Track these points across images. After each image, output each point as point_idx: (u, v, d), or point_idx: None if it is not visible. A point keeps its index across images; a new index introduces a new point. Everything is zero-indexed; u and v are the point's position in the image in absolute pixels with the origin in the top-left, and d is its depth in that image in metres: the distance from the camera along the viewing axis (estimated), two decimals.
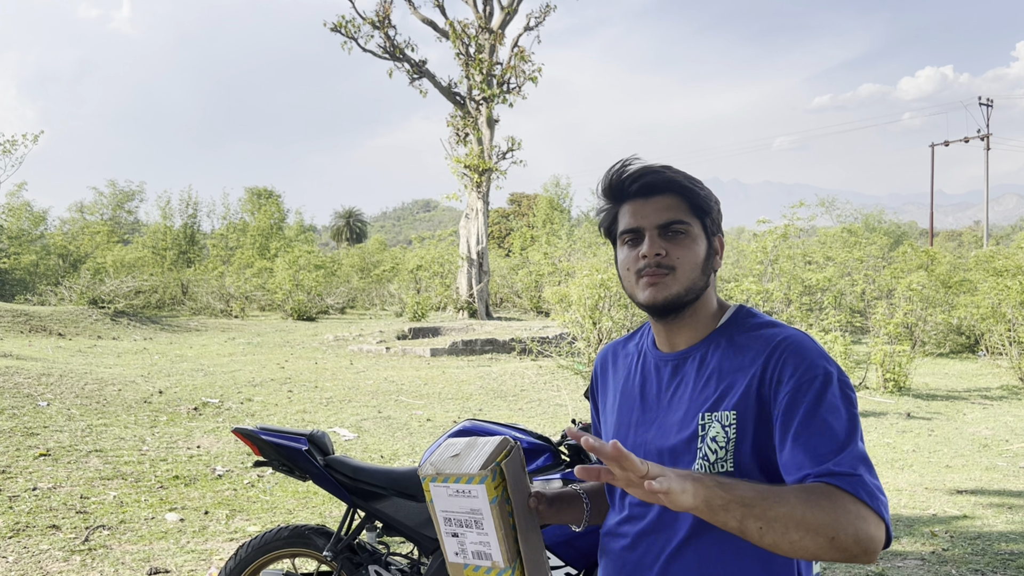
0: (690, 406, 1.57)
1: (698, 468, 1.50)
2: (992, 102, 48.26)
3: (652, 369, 1.67)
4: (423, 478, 1.56)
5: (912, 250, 23.88)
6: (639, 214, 1.59)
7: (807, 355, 1.48)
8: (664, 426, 1.60)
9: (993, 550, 5.48)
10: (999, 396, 13.12)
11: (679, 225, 1.57)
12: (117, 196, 34.66)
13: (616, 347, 1.83)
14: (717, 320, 1.64)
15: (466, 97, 24.43)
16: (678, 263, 1.57)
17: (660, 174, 1.59)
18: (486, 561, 1.54)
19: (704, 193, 1.61)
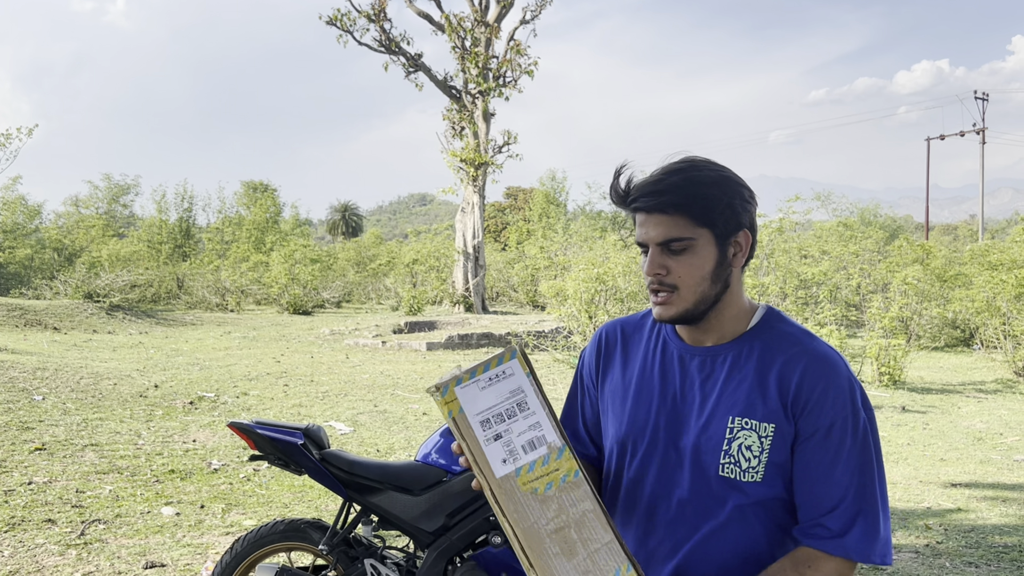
0: (719, 406, 1.55)
1: (725, 472, 1.52)
2: (988, 96, 48.31)
3: (675, 359, 1.63)
4: (443, 393, 1.42)
5: (907, 244, 23.90)
6: (643, 228, 1.56)
7: (842, 388, 1.51)
8: (688, 422, 1.58)
9: (987, 543, 5.51)
10: (994, 390, 13.16)
11: (679, 243, 1.53)
12: (112, 190, 34.63)
13: (627, 325, 1.76)
14: (747, 320, 1.62)
15: (462, 91, 24.40)
16: (680, 281, 1.54)
17: (656, 196, 1.53)
18: (541, 448, 1.44)
19: (713, 196, 1.53)
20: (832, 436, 1.49)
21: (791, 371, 1.51)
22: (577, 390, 1.80)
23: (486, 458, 1.42)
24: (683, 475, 1.57)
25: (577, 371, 1.82)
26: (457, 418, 1.42)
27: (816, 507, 1.49)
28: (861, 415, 1.51)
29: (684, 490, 1.57)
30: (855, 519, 1.48)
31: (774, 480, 1.52)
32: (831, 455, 1.49)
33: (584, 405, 1.79)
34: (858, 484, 1.49)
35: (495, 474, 1.42)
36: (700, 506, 1.56)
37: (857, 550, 1.47)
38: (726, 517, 1.54)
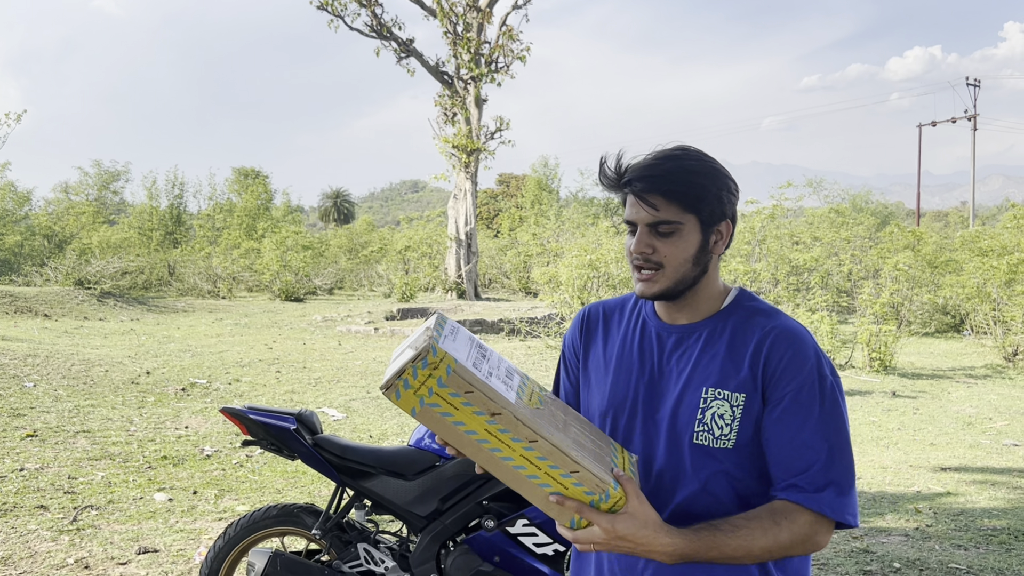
0: (692, 378, 1.65)
1: (699, 440, 1.62)
2: (979, 82, 48.36)
3: (653, 337, 1.73)
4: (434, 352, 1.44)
5: (899, 230, 23.96)
6: (634, 209, 1.65)
7: (806, 357, 1.60)
8: (665, 394, 1.68)
9: (976, 526, 5.55)
10: (983, 375, 13.24)
11: (667, 225, 1.62)
12: (102, 176, 34.44)
13: (606, 307, 1.86)
14: (720, 301, 1.72)
15: (454, 76, 24.30)
16: (666, 260, 1.63)
17: (652, 180, 1.61)
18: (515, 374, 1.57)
19: (701, 185, 1.62)
20: (801, 400, 1.58)
21: (761, 344, 1.62)
22: (561, 370, 1.92)
23: (497, 392, 1.48)
24: (660, 445, 1.67)
25: (561, 354, 1.92)
26: (457, 368, 1.45)
27: (790, 468, 1.58)
28: (828, 381, 1.60)
29: (661, 459, 1.66)
30: (828, 479, 1.56)
31: (744, 447, 1.61)
32: (801, 419, 1.58)
33: (569, 380, 1.89)
34: (829, 447, 1.58)
35: (511, 401, 1.49)
36: (675, 474, 1.65)
37: (831, 507, 1.55)
38: (699, 485, 1.63)
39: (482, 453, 1.50)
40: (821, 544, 1.58)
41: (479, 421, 1.47)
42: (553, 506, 1.51)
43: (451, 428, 1.49)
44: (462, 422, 1.48)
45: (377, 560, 3.31)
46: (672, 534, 1.51)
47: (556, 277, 15.52)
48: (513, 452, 1.49)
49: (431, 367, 1.44)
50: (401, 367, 1.46)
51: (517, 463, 1.50)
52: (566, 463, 1.49)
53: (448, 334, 1.52)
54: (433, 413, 1.47)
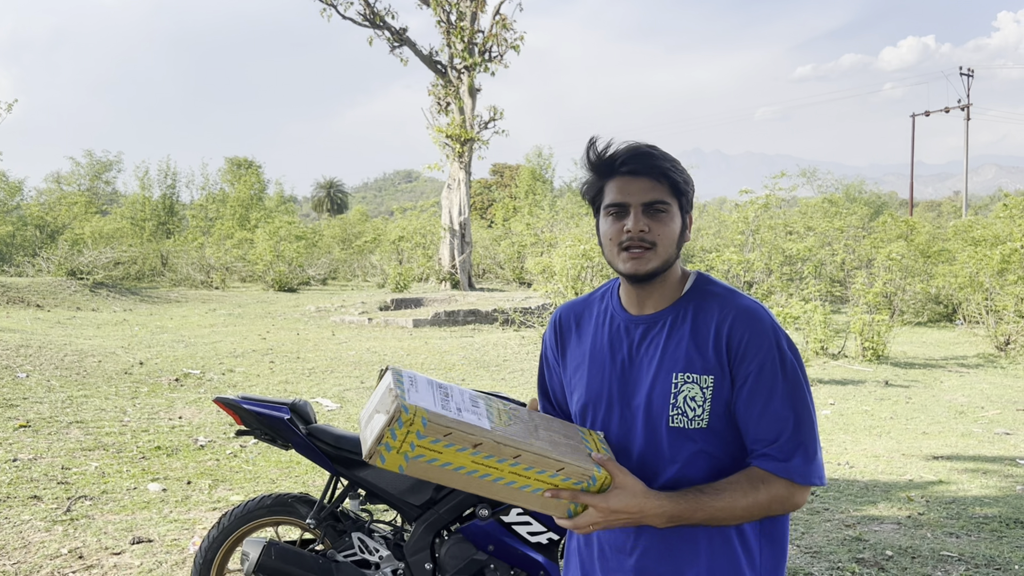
0: (662, 366, 1.74)
1: (675, 423, 1.71)
2: (973, 72, 48.40)
3: (622, 330, 1.82)
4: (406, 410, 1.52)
5: (892, 220, 24.01)
6: (626, 191, 1.72)
7: (765, 335, 1.70)
8: (637, 383, 1.77)
9: (968, 514, 5.58)
10: (975, 364, 13.29)
11: (661, 204, 1.71)
12: (94, 166, 34.27)
13: (576, 308, 1.96)
14: (682, 286, 1.81)
15: (447, 66, 24.23)
16: (659, 239, 1.71)
17: (648, 158, 1.72)
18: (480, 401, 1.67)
19: (683, 176, 1.74)
20: (764, 376, 1.68)
21: (722, 326, 1.71)
22: (544, 370, 2.02)
23: (472, 424, 1.57)
24: (637, 432, 1.75)
25: (541, 354, 2.02)
26: (430, 417, 1.53)
27: (760, 440, 1.69)
28: (787, 355, 1.71)
29: (640, 445, 1.75)
30: (795, 448, 1.67)
31: (718, 426, 1.71)
32: (767, 393, 1.68)
33: (552, 382, 1.99)
34: (795, 417, 1.68)
35: (487, 428, 1.58)
36: (655, 458, 1.74)
37: (800, 474, 1.67)
38: (679, 466, 1.72)
39: (473, 483, 1.59)
40: (799, 503, 1.69)
41: (464, 456, 1.56)
42: (549, 502, 1.61)
43: (440, 471, 1.57)
44: (449, 462, 1.56)
45: (371, 549, 3.31)
46: (660, 498, 1.63)
47: (550, 267, 15.51)
48: (502, 472, 1.58)
49: (407, 424, 1.52)
50: (379, 433, 1.53)
51: (507, 480, 1.59)
52: (551, 465, 1.60)
53: (409, 386, 1.59)
54: (419, 464, 1.56)
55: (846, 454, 7.45)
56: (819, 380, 11.33)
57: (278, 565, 3.24)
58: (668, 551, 1.74)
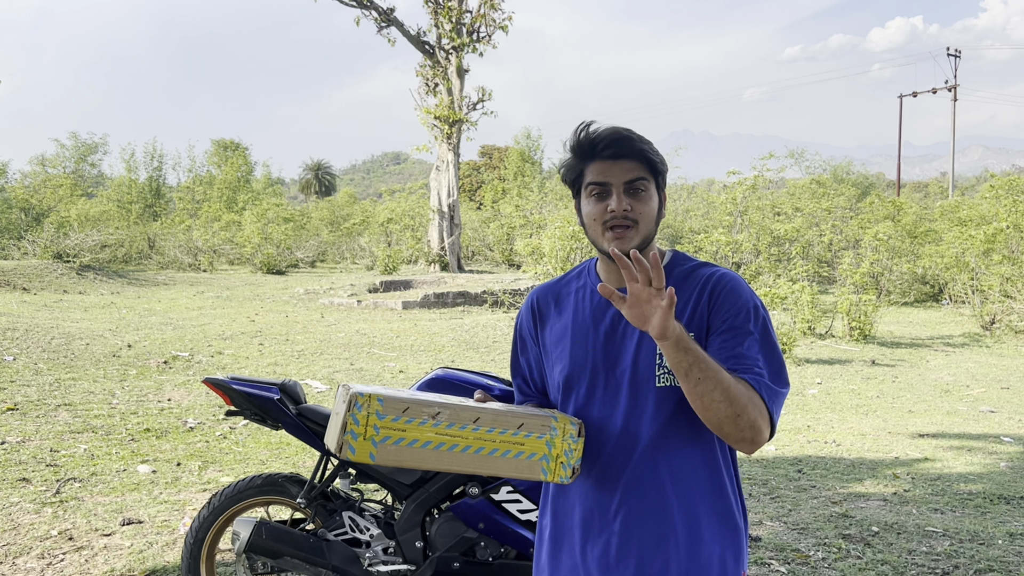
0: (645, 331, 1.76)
1: (662, 383, 1.77)
2: (960, 53, 48.42)
3: (604, 302, 1.87)
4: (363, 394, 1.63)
5: (879, 201, 24.10)
6: (608, 172, 1.80)
7: (741, 292, 1.79)
8: (622, 350, 1.83)
9: (952, 490, 5.65)
10: (961, 343, 13.40)
11: (641, 183, 1.80)
12: (80, 149, 33.97)
13: (552, 288, 2.02)
14: (659, 262, 1.82)
15: (435, 46, 24.08)
16: (640, 217, 1.79)
17: (628, 142, 1.80)
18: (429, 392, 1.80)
19: (659, 157, 1.83)
20: (738, 324, 1.76)
21: (703, 289, 1.81)
22: (517, 350, 2.08)
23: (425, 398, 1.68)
24: (623, 397, 1.81)
25: (515, 334, 2.08)
26: (384, 397, 1.63)
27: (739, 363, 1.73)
28: (762, 313, 1.80)
29: (625, 410, 1.81)
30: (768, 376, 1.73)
31: None
32: (741, 337, 1.75)
33: (527, 359, 2.05)
34: (767, 361, 1.74)
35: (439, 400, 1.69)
36: (639, 421, 1.79)
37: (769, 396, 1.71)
38: (661, 425, 1.78)
39: (444, 458, 1.65)
40: (762, 430, 1.69)
41: (427, 429, 1.63)
42: (523, 465, 1.69)
43: (410, 452, 1.63)
44: (415, 439, 1.63)
45: (362, 528, 3.32)
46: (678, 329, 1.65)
47: (539, 249, 15.51)
48: (467, 439, 1.65)
49: (365, 408, 1.60)
50: (342, 422, 1.61)
51: (475, 447, 1.66)
52: (510, 423, 1.69)
53: (359, 385, 1.68)
54: (388, 447, 1.62)
55: (833, 432, 7.52)
56: (806, 360, 11.40)
57: (269, 544, 3.25)
58: (651, 512, 1.79)
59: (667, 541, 1.78)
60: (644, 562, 1.79)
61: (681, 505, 1.79)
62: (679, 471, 1.80)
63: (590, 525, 1.84)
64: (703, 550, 1.79)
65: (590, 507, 1.84)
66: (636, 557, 1.79)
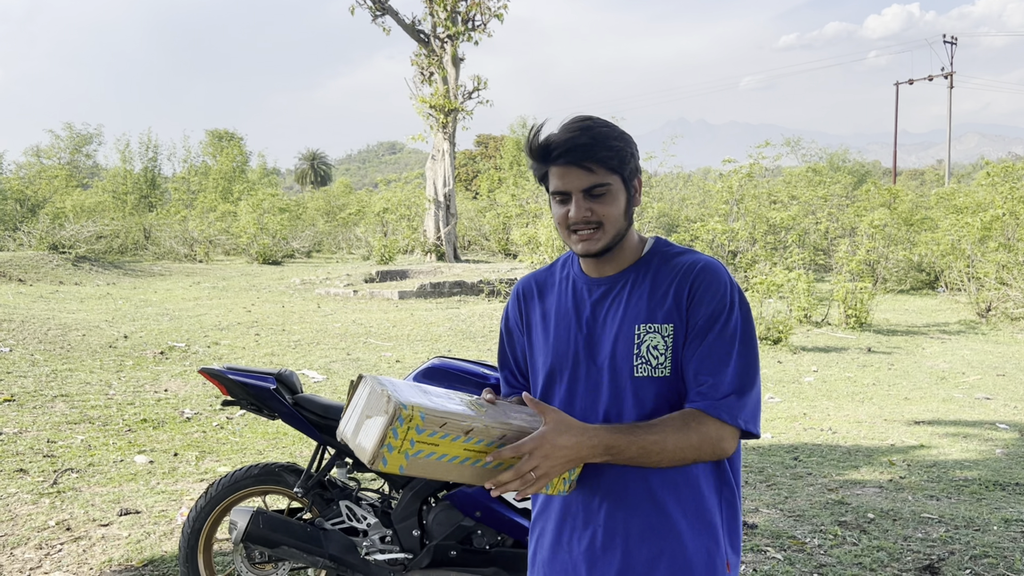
0: (625, 319, 1.81)
1: (639, 373, 1.77)
2: (956, 40, 48.36)
3: (584, 292, 1.88)
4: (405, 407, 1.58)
5: (875, 188, 24.11)
6: (565, 179, 1.77)
7: (720, 286, 1.78)
8: (602, 338, 1.83)
9: (948, 477, 5.67)
10: (957, 331, 13.43)
11: (600, 188, 1.76)
12: (74, 139, 33.90)
13: (537, 277, 2.02)
14: (640, 250, 1.89)
15: (430, 35, 24.00)
16: (604, 219, 1.78)
17: (580, 151, 1.74)
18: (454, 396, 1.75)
19: (619, 148, 1.77)
20: (712, 321, 1.75)
21: (684, 279, 1.79)
22: (505, 341, 2.06)
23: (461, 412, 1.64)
24: (604, 387, 1.81)
25: (502, 325, 2.07)
26: (427, 412, 1.59)
27: (700, 379, 1.74)
28: (736, 308, 1.77)
29: (607, 399, 1.81)
30: (730, 390, 1.73)
31: (679, 372, 1.78)
32: (711, 337, 1.75)
33: (514, 350, 2.04)
34: (735, 363, 1.74)
35: (472, 414, 1.66)
36: (620, 410, 1.79)
37: (729, 412, 1.72)
38: (642, 415, 1.77)
39: (466, 471, 1.65)
40: (727, 449, 1.74)
41: (458, 445, 1.62)
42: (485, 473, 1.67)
43: (437, 465, 1.63)
44: (445, 453, 1.62)
45: (359, 517, 3.33)
46: (595, 429, 1.69)
47: (535, 238, 15.52)
48: (488, 455, 1.66)
49: (407, 421, 1.57)
50: (380, 435, 1.57)
51: (495, 464, 1.66)
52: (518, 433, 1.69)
53: (394, 389, 1.63)
54: (419, 460, 1.61)
55: (829, 420, 7.54)
56: (802, 348, 11.42)
57: (266, 533, 3.25)
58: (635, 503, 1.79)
59: (653, 532, 1.78)
60: (630, 552, 1.79)
61: (666, 495, 1.78)
62: None
63: (576, 517, 1.85)
64: (691, 539, 1.78)
65: (576, 500, 1.85)
66: (622, 548, 1.79)
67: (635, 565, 1.78)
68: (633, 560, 1.78)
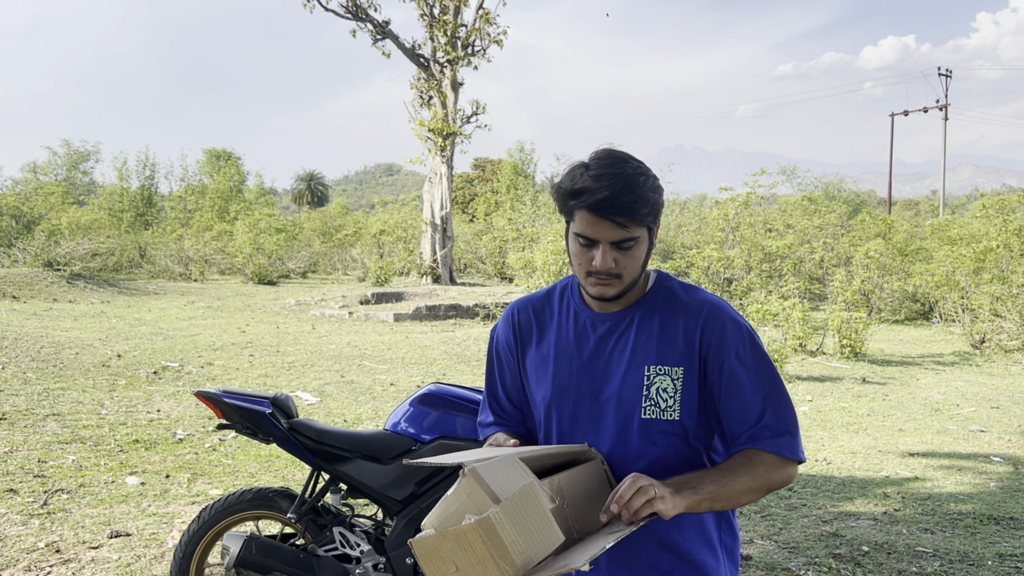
0: (633, 359, 1.79)
1: (648, 415, 1.76)
2: (951, 73, 48.83)
3: (588, 326, 1.86)
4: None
5: (870, 218, 24.19)
6: (596, 228, 1.70)
7: (737, 326, 1.78)
8: (607, 376, 1.81)
9: (943, 510, 5.65)
10: (951, 362, 13.43)
11: (630, 242, 1.72)
12: (72, 156, 33.90)
13: (534, 304, 1.97)
14: (644, 285, 1.86)
15: (430, 59, 24.15)
16: (625, 271, 1.75)
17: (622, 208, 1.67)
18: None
19: (654, 201, 1.72)
20: (742, 364, 1.75)
21: (695, 321, 1.78)
22: (494, 364, 2.02)
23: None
24: (608, 425, 1.80)
25: (492, 348, 2.03)
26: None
27: (746, 422, 1.75)
28: (758, 343, 1.79)
29: (610, 438, 1.79)
30: (783, 426, 1.75)
31: (688, 416, 1.77)
32: (747, 379, 1.75)
33: (503, 375, 2.00)
34: (777, 399, 1.75)
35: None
36: (624, 450, 1.78)
37: (790, 449, 1.74)
38: (650, 459, 1.77)
39: None
40: (791, 477, 1.77)
41: None
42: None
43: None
44: None
45: (353, 544, 3.31)
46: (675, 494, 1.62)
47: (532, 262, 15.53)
48: None
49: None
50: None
51: None
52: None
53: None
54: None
55: (823, 450, 7.52)
56: (797, 377, 11.42)
57: (259, 559, 3.23)
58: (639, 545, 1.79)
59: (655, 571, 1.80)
60: None
61: (670, 538, 1.78)
62: None
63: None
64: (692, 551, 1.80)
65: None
66: None
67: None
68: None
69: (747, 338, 1.77)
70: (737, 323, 1.78)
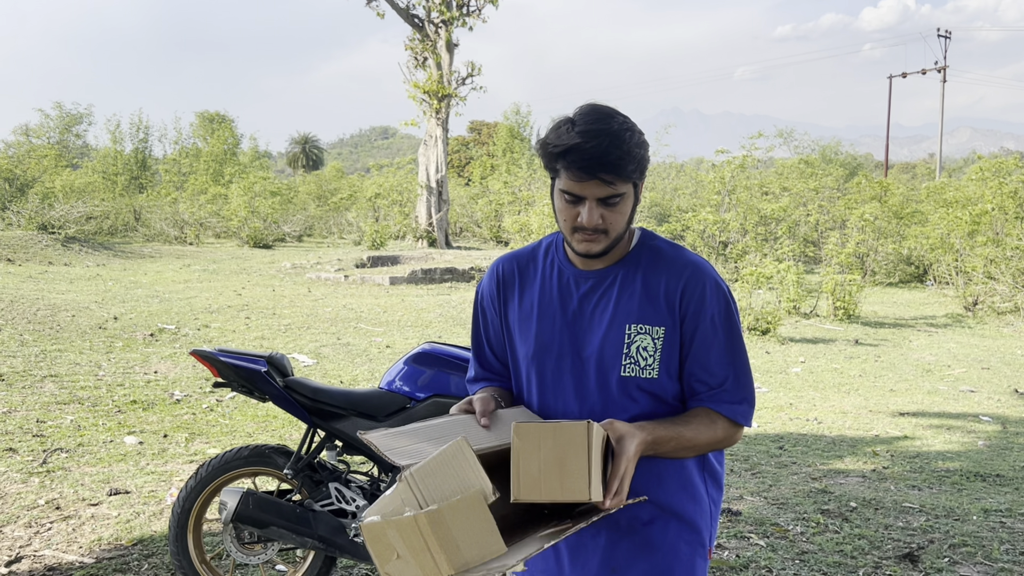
0: (615, 317, 1.80)
1: (627, 372, 1.78)
2: (950, 34, 48.42)
3: (571, 283, 1.86)
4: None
5: (866, 181, 24.16)
6: (582, 186, 1.69)
7: (717, 289, 1.81)
8: (589, 333, 1.82)
9: (930, 467, 5.74)
10: (944, 324, 13.53)
11: (616, 198, 1.71)
12: (64, 119, 33.62)
13: (519, 259, 1.97)
14: (629, 243, 1.86)
15: (424, 20, 23.90)
16: (611, 227, 1.74)
17: (608, 165, 1.65)
18: None
19: (640, 156, 1.71)
20: (715, 326, 1.79)
21: (675, 282, 1.80)
22: (479, 319, 2.03)
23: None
24: (589, 381, 1.81)
25: (476, 304, 2.03)
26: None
27: (706, 383, 1.80)
28: (733, 310, 1.82)
29: (593, 393, 1.81)
30: (742, 393, 1.81)
31: (667, 374, 1.80)
32: (716, 342, 1.79)
33: (488, 331, 2.01)
34: (739, 365, 1.81)
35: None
36: (605, 406, 1.80)
37: (743, 415, 1.81)
38: (629, 415, 1.78)
39: None
40: (736, 441, 1.85)
41: None
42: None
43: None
44: None
45: (348, 499, 3.36)
46: (648, 427, 1.70)
47: (527, 225, 15.53)
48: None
49: None
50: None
51: None
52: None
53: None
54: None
55: (815, 410, 7.60)
56: (790, 339, 11.50)
57: (256, 514, 3.28)
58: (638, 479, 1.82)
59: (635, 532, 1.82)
60: (613, 540, 1.82)
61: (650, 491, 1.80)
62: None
63: None
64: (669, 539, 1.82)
65: None
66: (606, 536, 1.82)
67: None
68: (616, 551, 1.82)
69: (724, 303, 1.80)
70: (718, 286, 1.80)
